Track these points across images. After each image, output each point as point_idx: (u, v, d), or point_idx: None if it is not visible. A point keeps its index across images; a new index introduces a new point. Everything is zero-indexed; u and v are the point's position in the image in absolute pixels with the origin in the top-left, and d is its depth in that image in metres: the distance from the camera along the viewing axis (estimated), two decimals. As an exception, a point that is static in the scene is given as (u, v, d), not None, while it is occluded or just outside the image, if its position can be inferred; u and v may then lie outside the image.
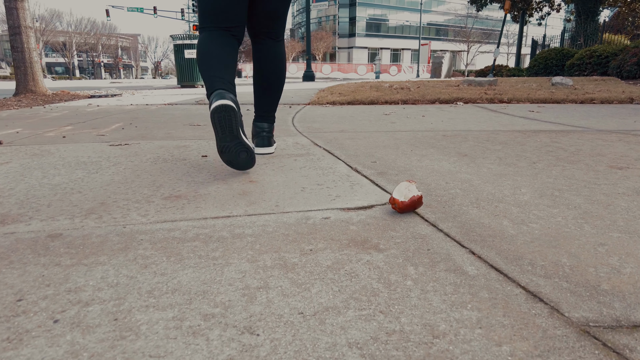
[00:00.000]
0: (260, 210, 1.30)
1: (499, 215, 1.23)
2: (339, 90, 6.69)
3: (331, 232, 1.12)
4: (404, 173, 1.75)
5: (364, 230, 1.12)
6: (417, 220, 1.20)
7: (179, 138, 2.81)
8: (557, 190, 1.47)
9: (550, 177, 1.65)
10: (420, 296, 0.79)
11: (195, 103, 5.99)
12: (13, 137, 2.91)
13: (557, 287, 0.82)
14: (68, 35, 59.93)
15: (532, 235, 1.08)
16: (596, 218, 1.20)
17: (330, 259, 0.96)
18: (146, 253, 1.01)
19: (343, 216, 1.24)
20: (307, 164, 1.95)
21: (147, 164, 2.02)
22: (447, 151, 2.22)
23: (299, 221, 1.20)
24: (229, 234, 1.11)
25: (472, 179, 1.63)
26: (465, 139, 2.59)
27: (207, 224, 1.19)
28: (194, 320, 0.73)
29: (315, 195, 1.46)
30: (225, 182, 1.67)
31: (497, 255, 0.97)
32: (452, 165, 1.88)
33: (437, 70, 16.42)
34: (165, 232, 1.14)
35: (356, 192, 1.48)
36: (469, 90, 5.87)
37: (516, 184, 1.55)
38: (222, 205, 1.37)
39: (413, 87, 6.60)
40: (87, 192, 1.56)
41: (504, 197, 1.39)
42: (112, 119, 4.05)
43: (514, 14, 20.50)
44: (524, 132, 2.84)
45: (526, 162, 1.92)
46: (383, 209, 1.30)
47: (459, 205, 1.32)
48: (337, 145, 2.47)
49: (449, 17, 68.35)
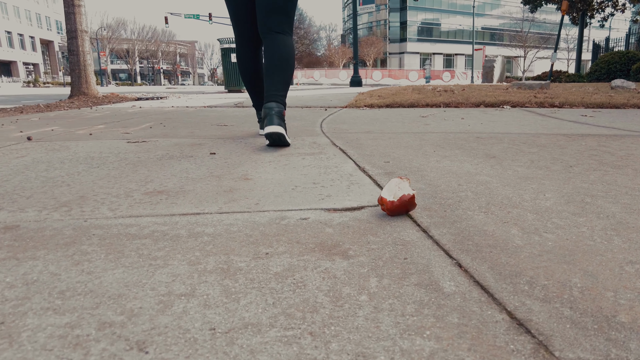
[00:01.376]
0: (237, 208, 1.18)
1: (508, 222, 1.02)
2: (378, 93, 6.50)
3: (301, 234, 0.97)
4: (415, 174, 1.56)
5: (340, 234, 0.96)
6: (408, 224, 1.02)
7: (198, 137, 2.76)
8: (590, 197, 1.23)
9: (585, 182, 1.40)
10: (369, 316, 0.63)
11: (233, 106, 6.02)
12: (46, 135, 2.99)
13: (555, 315, 0.62)
14: (131, 43, 63.65)
15: (542, 247, 0.87)
16: (632, 230, 0.97)
17: (283, 265, 0.81)
18: (88, 249, 0.91)
19: (324, 217, 1.09)
20: (313, 163, 1.81)
21: (152, 160, 1.97)
22: (474, 153, 2.00)
23: (271, 221, 1.06)
24: (186, 233, 0.99)
25: (490, 182, 1.42)
26: (499, 141, 2.34)
27: (170, 221, 1.08)
28: (86, 328, 0.61)
29: (304, 194, 1.31)
30: (219, 178, 1.57)
31: (490, 269, 0.77)
32: (473, 167, 1.66)
33: (489, 75, 15.63)
34: (122, 228, 1.04)
35: (351, 192, 1.32)
36: (518, 94, 5.47)
37: (541, 188, 1.32)
38: (200, 201, 1.25)
39: (458, 90, 6.27)
40: (76, 185, 1.51)
41: (521, 202, 1.18)
42: (146, 119, 4.12)
43: (573, 16, 19.14)
44: (570, 136, 2.53)
45: (561, 166, 1.66)
46: (373, 211, 1.13)
47: (464, 209, 1.12)
48: (355, 145, 2.30)
49: (503, 20, 65.72)
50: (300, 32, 51.11)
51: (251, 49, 2.45)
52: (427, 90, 6.40)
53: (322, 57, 58.82)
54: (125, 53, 63.80)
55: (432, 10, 63.79)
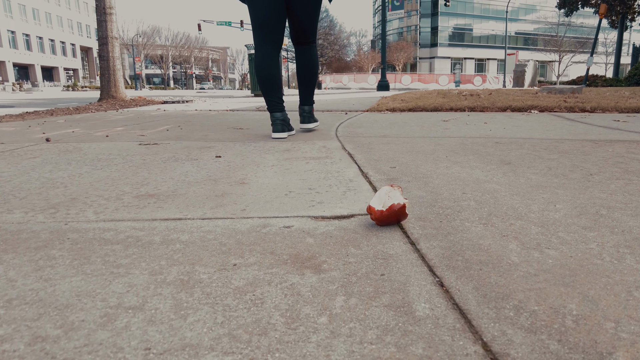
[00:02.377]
0: (221, 214, 1.13)
1: (508, 235, 0.93)
2: (402, 97, 6.37)
3: (278, 244, 0.90)
4: (419, 180, 1.47)
5: (319, 245, 0.89)
6: (396, 235, 0.94)
7: (210, 140, 2.75)
8: (606, 208, 1.11)
9: (604, 192, 1.28)
10: (322, 342, 0.56)
11: (254, 109, 6.03)
12: (65, 136, 3.05)
13: (538, 349, 0.54)
14: (165, 49, 65.45)
15: (540, 266, 0.78)
16: (650, 248, 0.86)
17: (247, 278, 0.75)
18: (56, 254, 0.87)
19: (309, 225, 1.02)
20: (315, 167, 1.75)
21: (156, 162, 1.95)
22: (489, 159, 1.89)
23: (252, 229, 1.00)
24: (160, 239, 0.95)
25: (498, 190, 1.32)
26: (519, 147, 2.21)
27: (148, 227, 1.04)
28: (17, 343, 0.57)
29: (296, 200, 1.25)
30: (215, 182, 1.52)
31: (474, 290, 0.69)
32: (484, 174, 1.56)
33: (520, 79, 15.11)
34: (99, 232, 1.00)
35: (346, 198, 1.25)
36: (547, 98, 5.24)
37: (553, 198, 1.21)
38: (187, 206, 1.21)
39: (484, 94, 6.07)
40: (73, 187, 1.50)
41: (527, 213, 1.08)
42: (166, 121, 4.16)
43: (612, 19, 18.32)
44: (596, 142, 2.37)
45: (581, 174, 1.54)
46: (362, 220, 1.05)
47: (462, 220, 1.03)
48: (365, 149, 2.23)
49: (538, 25, 63.84)
50: (331, 38, 51.20)
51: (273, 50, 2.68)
52: (453, 94, 6.23)
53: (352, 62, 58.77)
54: (159, 58, 65.65)
55: (464, 16, 62.73)
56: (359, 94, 11.47)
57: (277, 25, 2.60)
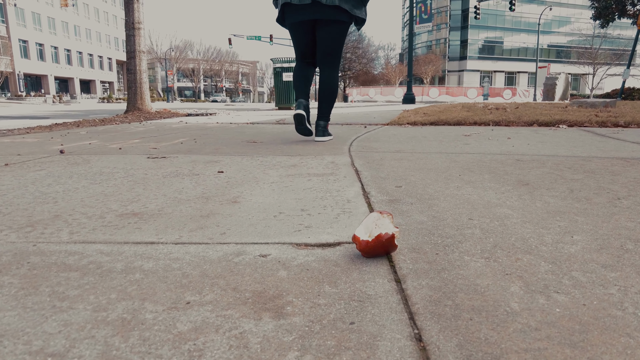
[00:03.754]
0: (197, 238, 1.04)
1: (512, 274, 0.80)
2: (424, 111, 6.22)
3: (246, 277, 0.81)
4: (424, 202, 1.35)
5: (292, 280, 0.79)
6: (382, 270, 0.83)
7: (220, 154, 2.69)
8: (633, 242, 0.96)
9: (632, 221, 1.12)
10: (253, 416, 0.45)
11: (275, 122, 6.01)
12: (80, 148, 3.07)
13: None
14: (197, 62, 67.18)
15: (544, 317, 0.65)
16: (684, 296, 0.71)
17: (195, 322, 0.65)
18: (7, 281, 0.80)
19: (287, 255, 0.92)
20: (316, 185, 1.65)
21: (156, 177, 1.90)
22: (505, 178, 1.74)
23: (224, 257, 0.91)
24: (122, 266, 0.87)
25: (510, 216, 1.18)
26: (540, 165, 2.05)
27: (116, 251, 0.96)
28: None
29: (283, 223, 1.15)
30: (207, 200, 1.45)
31: (458, 348, 0.57)
32: (497, 196, 1.42)
33: (550, 92, 14.57)
34: (63, 256, 0.93)
35: (337, 222, 1.14)
36: (577, 112, 4.98)
37: (571, 227, 1.07)
38: (166, 228, 1.13)
39: (510, 107, 5.85)
40: (62, 202, 1.45)
41: (538, 246, 0.94)
42: (184, 134, 4.16)
43: (651, 30, 17.59)
44: (628, 160, 2.18)
45: (606, 197, 1.38)
46: (349, 249, 0.94)
47: (462, 252, 0.91)
48: (375, 165, 2.11)
49: (572, 37, 62.12)
50: (358, 52, 51.31)
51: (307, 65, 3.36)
52: (477, 107, 6.03)
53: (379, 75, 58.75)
54: (191, 72, 67.42)
55: (494, 29, 61.82)
56: (383, 107, 11.35)
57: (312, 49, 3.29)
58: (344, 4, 2.98)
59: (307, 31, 3.15)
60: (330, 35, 3.12)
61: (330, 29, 3.10)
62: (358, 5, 3.08)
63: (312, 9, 2.99)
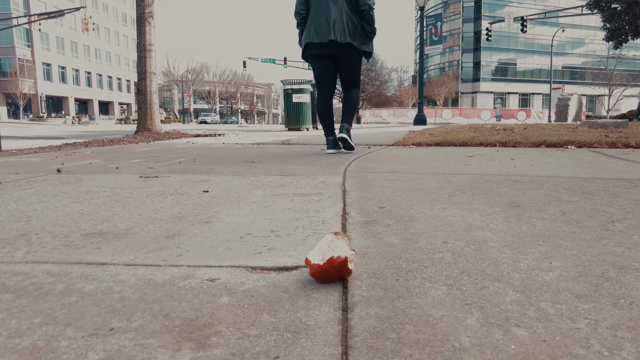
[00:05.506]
0: (151, 259, 0.99)
1: (472, 304, 0.73)
2: (430, 132, 6.16)
3: (183, 303, 0.75)
4: (402, 223, 1.28)
5: (231, 307, 0.73)
6: (332, 297, 0.76)
7: (215, 173, 2.67)
8: (617, 269, 0.88)
9: (621, 246, 1.04)
10: None
11: (280, 143, 6.00)
12: (79, 167, 3.08)
13: None
14: (213, 85, 68.47)
15: (495, 355, 0.57)
16: (660, 332, 0.63)
17: (109, 350, 0.59)
18: None
19: (238, 279, 0.86)
20: (297, 206, 1.59)
21: (139, 196, 1.87)
22: (497, 200, 1.67)
23: (169, 281, 0.86)
24: (63, 288, 0.82)
25: (489, 239, 1.11)
26: (538, 187, 1.97)
27: (64, 271, 0.91)
28: None
29: (247, 244, 1.09)
30: (180, 220, 1.40)
31: (386, 389, 0.50)
32: (481, 218, 1.35)
33: (563, 113, 14.32)
34: (7, 277, 0.89)
35: (304, 244, 1.08)
36: (587, 133, 4.86)
37: (552, 252, 0.99)
38: (125, 248, 1.09)
39: (519, 128, 5.75)
40: (34, 221, 1.42)
41: (510, 273, 0.87)
42: (185, 154, 4.17)
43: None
44: (632, 182, 2.08)
45: (600, 220, 1.29)
46: (305, 273, 0.88)
47: (424, 278, 0.84)
48: (365, 186, 2.06)
49: (586, 59, 61.76)
50: (371, 74, 51.72)
51: (328, 96, 4.06)
52: (485, 128, 5.95)
53: (392, 97, 59.00)
54: (207, 94, 68.71)
55: (507, 51, 61.90)
56: (392, 128, 11.32)
57: (331, 81, 3.99)
58: (354, 41, 3.74)
59: (325, 64, 3.89)
60: (349, 68, 3.95)
61: (348, 63, 3.91)
62: (365, 42, 3.87)
63: (329, 47, 3.75)
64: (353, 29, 3.74)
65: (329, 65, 3.90)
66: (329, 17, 3.70)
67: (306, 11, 3.86)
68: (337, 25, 3.69)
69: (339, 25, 3.69)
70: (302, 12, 3.87)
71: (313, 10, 3.78)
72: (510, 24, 22.17)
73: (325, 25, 3.70)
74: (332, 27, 3.68)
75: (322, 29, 3.71)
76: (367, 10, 3.75)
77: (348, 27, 3.71)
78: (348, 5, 3.72)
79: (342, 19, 3.70)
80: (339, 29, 3.69)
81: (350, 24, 3.73)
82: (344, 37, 3.69)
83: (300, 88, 11.84)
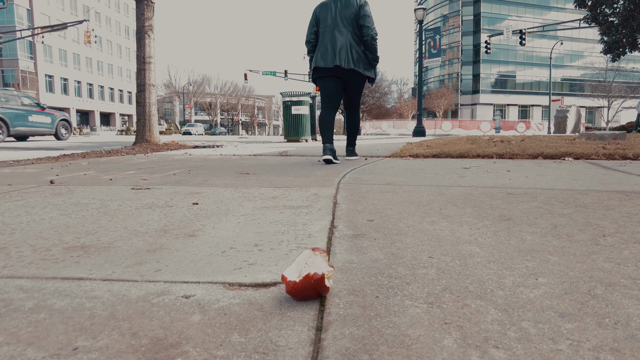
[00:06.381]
0: (129, 275, 0.97)
1: (451, 323, 0.70)
2: (427, 143, 6.15)
3: (153, 321, 0.73)
4: (389, 237, 1.26)
5: (201, 326, 0.71)
6: (308, 316, 0.74)
7: (207, 185, 2.65)
8: (605, 286, 0.86)
9: (611, 261, 1.01)
10: None
11: (277, 154, 6.00)
12: (73, 179, 3.06)
13: None
14: (214, 97, 68.81)
15: (469, 378, 0.55)
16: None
17: (67, 373, 0.57)
18: None
19: (213, 296, 0.84)
20: (285, 219, 1.57)
21: (128, 209, 1.85)
22: (488, 213, 1.64)
23: (143, 297, 0.83)
24: (33, 305, 0.80)
25: (476, 254, 1.08)
26: (531, 199, 1.95)
27: (38, 287, 0.89)
28: None
29: (228, 259, 1.07)
30: (164, 233, 1.38)
31: (351, 417, 0.48)
32: (470, 232, 1.32)
33: (561, 125, 14.34)
34: (-24, 294, 0.87)
35: (286, 260, 1.06)
36: (584, 145, 4.85)
37: (539, 268, 0.97)
38: (104, 263, 1.06)
39: (516, 140, 5.75)
40: (17, 234, 1.40)
41: (494, 290, 0.84)
42: (181, 165, 4.15)
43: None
44: (628, 194, 2.06)
45: (591, 234, 1.27)
46: (282, 290, 0.86)
47: (405, 296, 0.82)
48: (357, 199, 2.03)
49: (585, 71, 62.11)
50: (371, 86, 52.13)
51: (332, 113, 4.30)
52: (482, 140, 5.94)
53: (392, 109, 59.27)
54: (208, 106, 69.03)
55: (506, 63, 62.31)
56: (391, 140, 11.34)
57: (337, 98, 4.29)
58: (358, 67, 4.08)
59: (330, 85, 4.22)
60: (352, 91, 4.35)
61: (351, 86, 4.30)
62: (368, 68, 4.21)
63: (335, 71, 4.11)
64: (357, 56, 4.09)
65: (337, 82, 4.20)
66: (335, 45, 4.06)
67: (316, 40, 4.24)
68: (342, 53, 4.04)
69: (344, 54, 4.04)
70: (312, 41, 4.26)
71: (321, 39, 4.16)
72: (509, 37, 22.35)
73: (331, 52, 4.06)
74: (337, 54, 4.03)
75: (328, 56, 4.07)
76: (369, 40, 4.08)
77: (352, 55, 4.06)
78: (352, 36, 4.08)
79: (347, 48, 4.05)
80: (344, 57, 4.04)
81: (354, 53, 4.08)
82: (347, 64, 4.04)
83: (299, 100, 11.88)
